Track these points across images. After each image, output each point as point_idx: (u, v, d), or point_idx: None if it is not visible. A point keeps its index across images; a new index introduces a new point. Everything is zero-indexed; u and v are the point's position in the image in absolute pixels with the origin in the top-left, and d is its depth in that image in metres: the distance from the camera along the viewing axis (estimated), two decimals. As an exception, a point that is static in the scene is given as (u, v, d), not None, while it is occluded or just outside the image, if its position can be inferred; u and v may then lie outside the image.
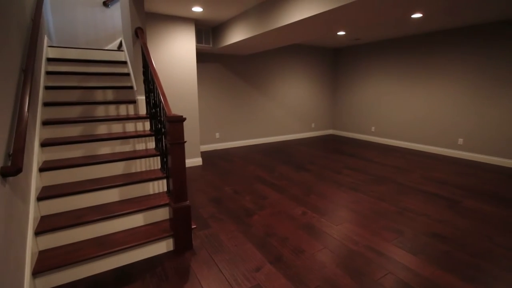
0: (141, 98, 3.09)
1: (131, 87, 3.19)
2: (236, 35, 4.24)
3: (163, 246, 2.17)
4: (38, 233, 1.87)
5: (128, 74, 3.34)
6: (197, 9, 3.77)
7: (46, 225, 1.93)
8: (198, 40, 4.82)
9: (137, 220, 2.23)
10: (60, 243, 1.98)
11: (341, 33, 5.20)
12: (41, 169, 2.17)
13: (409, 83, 5.79)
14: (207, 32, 4.92)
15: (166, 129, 2.07)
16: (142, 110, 3.13)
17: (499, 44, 4.45)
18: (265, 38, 4.05)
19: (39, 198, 2.02)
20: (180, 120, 2.01)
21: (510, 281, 1.84)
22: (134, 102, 3.07)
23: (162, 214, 2.33)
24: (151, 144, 2.85)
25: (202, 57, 5.46)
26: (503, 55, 4.42)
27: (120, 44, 4.14)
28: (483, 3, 3.49)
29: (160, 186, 2.51)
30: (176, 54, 4.27)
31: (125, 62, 3.49)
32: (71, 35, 4.29)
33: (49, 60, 3.12)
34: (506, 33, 4.35)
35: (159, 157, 2.69)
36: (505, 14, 4.01)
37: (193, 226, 2.25)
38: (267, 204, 3.10)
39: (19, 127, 1.56)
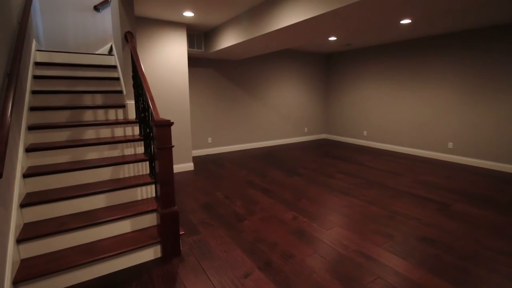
0: (131, 103, 3.07)
1: (120, 92, 3.16)
2: (228, 40, 4.25)
3: (150, 253, 2.13)
4: (20, 240, 1.82)
5: (118, 79, 3.31)
6: (189, 14, 3.77)
7: (28, 233, 1.88)
8: (190, 44, 4.82)
9: (124, 227, 2.19)
10: (44, 251, 1.93)
11: (333, 38, 5.26)
12: (25, 175, 2.12)
13: (399, 87, 5.86)
14: (199, 36, 4.92)
15: (154, 133, 2.04)
16: (132, 115, 3.10)
17: (487, 49, 4.54)
18: (257, 42, 4.07)
19: (22, 205, 1.97)
20: (167, 124, 1.99)
21: (499, 284, 1.85)
22: (123, 106, 3.03)
23: (149, 220, 2.29)
24: (140, 149, 2.82)
25: (194, 61, 5.46)
26: (491, 60, 4.51)
27: (111, 49, 4.11)
28: (470, 9, 3.57)
29: (148, 191, 2.48)
30: (168, 58, 4.26)
31: (115, 67, 3.46)
32: (61, 39, 4.26)
33: (37, 64, 3.08)
34: (495, 38, 4.45)
35: (148, 162, 2.66)
36: (494, 19, 4.10)
37: (181, 232, 2.21)
38: (258, 209, 3.08)
39: (0, 132, 1.52)
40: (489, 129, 4.61)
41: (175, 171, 4.60)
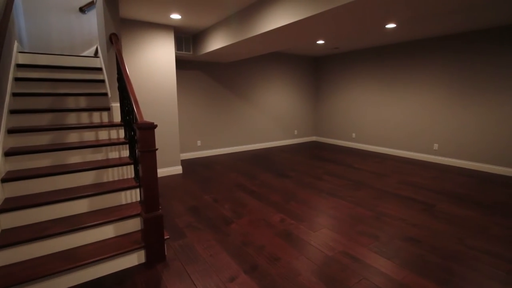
0: (116, 105, 3.02)
1: (105, 94, 3.11)
2: (216, 43, 4.24)
3: (134, 259, 2.09)
4: (-4, 248, 1.76)
5: (103, 81, 3.26)
6: (176, 16, 3.75)
7: (6, 239, 1.82)
8: (178, 47, 4.80)
9: (107, 232, 2.14)
10: (22, 258, 1.87)
11: (320, 42, 5.31)
12: (4, 180, 2.05)
13: (386, 90, 5.96)
14: (187, 39, 4.90)
15: (137, 136, 2.01)
16: (117, 118, 3.05)
17: (472, 52, 4.66)
18: (246, 45, 4.07)
19: (0, 211, 1.90)
20: (150, 127, 1.97)
21: (482, 284, 1.88)
22: (108, 109, 2.99)
23: (133, 224, 2.25)
24: (125, 153, 2.77)
25: (182, 64, 5.43)
26: (475, 63, 4.63)
27: (97, 51, 4.06)
28: (451, 15, 3.66)
29: (133, 195, 2.43)
30: (155, 61, 4.23)
31: (100, 69, 3.41)
32: (45, 41, 4.17)
33: (19, 66, 3.01)
34: (479, 42, 4.57)
35: (133, 166, 2.61)
36: (478, 24, 4.21)
37: (166, 237, 2.18)
38: (246, 212, 3.06)
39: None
40: (473, 131, 4.72)
41: (163, 174, 4.55)
